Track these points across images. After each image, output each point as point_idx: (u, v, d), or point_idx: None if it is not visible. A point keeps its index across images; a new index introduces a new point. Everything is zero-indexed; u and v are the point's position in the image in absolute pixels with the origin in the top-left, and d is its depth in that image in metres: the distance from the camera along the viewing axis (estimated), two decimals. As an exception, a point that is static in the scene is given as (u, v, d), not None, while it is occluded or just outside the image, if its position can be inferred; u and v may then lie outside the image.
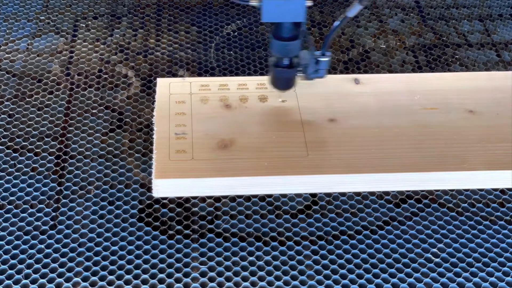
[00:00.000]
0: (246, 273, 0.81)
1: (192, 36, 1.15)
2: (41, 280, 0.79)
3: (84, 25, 1.16)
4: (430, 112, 0.95)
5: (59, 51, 1.11)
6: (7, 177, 0.90)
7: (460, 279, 0.80)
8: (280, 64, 0.89)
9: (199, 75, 1.07)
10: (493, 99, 0.97)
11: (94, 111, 1.00)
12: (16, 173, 0.90)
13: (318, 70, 0.90)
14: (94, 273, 0.80)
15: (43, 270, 0.80)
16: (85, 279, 0.79)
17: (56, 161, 0.92)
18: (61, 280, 0.79)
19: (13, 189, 0.88)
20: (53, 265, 0.80)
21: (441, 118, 0.94)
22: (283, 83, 0.92)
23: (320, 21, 1.20)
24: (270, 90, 0.97)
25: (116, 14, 1.19)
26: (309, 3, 0.81)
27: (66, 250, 0.82)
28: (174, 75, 1.07)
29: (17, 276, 0.79)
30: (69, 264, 0.80)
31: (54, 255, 0.81)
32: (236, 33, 1.16)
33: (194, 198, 0.88)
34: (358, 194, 0.90)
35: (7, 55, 1.09)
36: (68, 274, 0.79)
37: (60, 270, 0.80)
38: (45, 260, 0.81)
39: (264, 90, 0.97)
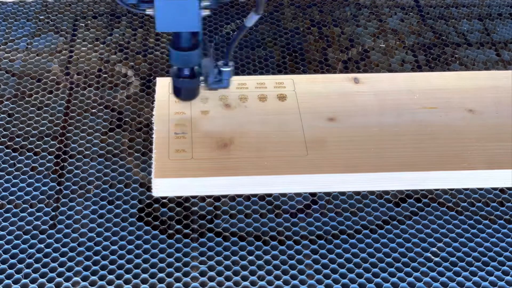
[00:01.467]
0: (245, 272, 0.81)
1: (191, 35, 1.15)
2: (41, 280, 0.79)
3: (83, 25, 1.16)
4: (430, 111, 0.95)
5: (58, 51, 1.11)
6: (7, 177, 0.90)
7: (460, 278, 0.80)
8: (181, 74, 0.87)
9: (199, 74, 1.07)
10: (493, 99, 0.97)
11: (93, 110, 1.00)
12: (16, 173, 0.90)
13: (221, 80, 0.88)
14: (94, 273, 0.80)
15: (43, 270, 0.80)
16: (84, 279, 0.79)
17: (55, 160, 0.92)
18: (60, 279, 0.79)
19: (12, 189, 0.88)
20: (52, 264, 0.80)
21: (440, 117, 0.94)
22: (186, 93, 0.90)
23: (320, 20, 1.20)
24: (270, 90, 0.97)
25: (115, 14, 1.19)
26: (205, 13, 0.79)
27: (65, 249, 0.82)
28: (174, 74, 1.07)
29: (16, 276, 0.79)
30: (68, 263, 0.80)
31: (54, 254, 0.81)
32: (235, 33, 1.16)
33: (194, 197, 0.88)
34: (357, 193, 0.90)
35: (6, 55, 1.09)
36: (67, 274, 0.79)
37: (60, 269, 0.80)
38: (45, 260, 0.81)
39: (264, 89, 0.97)
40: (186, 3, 0.77)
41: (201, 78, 0.88)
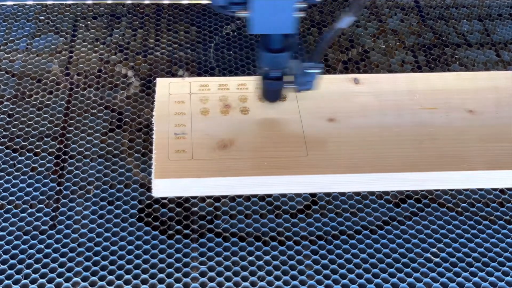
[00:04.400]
0: (245, 273, 0.81)
1: (191, 36, 1.15)
2: (41, 280, 0.79)
3: (83, 25, 1.16)
4: (430, 112, 0.95)
5: (58, 51, 1.11)
6: (7, 177, 0.90)
7: (460, 279, 0.80)
8: (269, 75, 0.87)
9: (199, 75, 1.07)
10: (493, 99, 0.97)
11: (93, 111, 1.00)
12: (16, 173, 0.90)
13: (307, 82, 0.88)
14: (94, 273, 0.80)
15: (43, 270, 0.80)
16: (84, 279, 0.79)
17: (55, 161, 0.92)
18: (60, 280, 0.79)
19: (12, 189, 0.88)
20: (52, 265, 0.80)
21: (440, 117, 0.94)
22: (272, 95, 0.91)
23: (320, 21, 1.20)
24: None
25: (115, 14, 1.19)
26: (300, 14, 0.78)
27: (65, 250, 0.82)
28: (174, 75, 1.07)
29: (16, 276, 0.79)
30: (68, 264, 0.80)
31: (54, 255, 0.81)
32: (235, 33, 1.16)
33: (194, 198, 0.88)
34: (357, 194, 0.90)
35: (6, 55, 1.09)
36: (67, 274, 0.79)
37: (60, 270, 0.80)
38: (45, 260, 0.81)
39: (264, 90, 0.97)
40: (283, 5, 0.76)
41: (288, 80, 0.87)
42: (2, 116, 0.99)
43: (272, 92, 0.90)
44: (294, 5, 0.77)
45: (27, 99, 1.01)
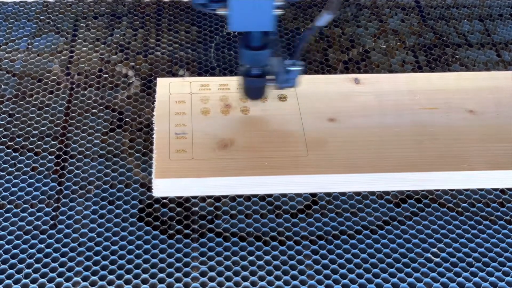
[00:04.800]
0: (246, 273, 0.81)
1: (192, 35, 1.15)
2: (41, 280, 0.79)
3: (84, 25, 1.16)
4: (430, 112, 0.95)
5: (59, 51, 1.11)
6: (7, 177, 0.90)
7: (460, 279, 0.80)
8: (250, 73, 0.88)
9: (199, 74, 1.07)
10: (493, 99, 0.97)
11: (94, 110, 1.00)
12: (16, 173, 0.90)
13: (288, 79, 0.88)
14: (94, 273, 0.80)
15: (43, 270, 0.80)
16: (85, 279, 0.79)
17: (56, 160, 0.92)
18: (61, 279, 0.79)
19: (13, 189, 0.88)
20: (53, 264, 0.80)
21: (441, 118, 0.94)
22: (254, 92, 0.91)
23: (320, 21, 1.20)
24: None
25: (116, 14, 1.19)
26: (279, 12, 0.79)
27: (66, 249, 0.82)
28: (174, 74, 1.07)
29: (17, 276, 0.79)
30: (69, 263, 0.80)
31: (54, 254, 0.81)
32: (236, 33, 1.16)
33: (194, 197, 0.88)
34: (358, 194, 0.90)
35: (7, 55, 1.09)
36: (68, 274, 0.79)
37: (60, 269, 0.80)
38: (45, 260, 0.81)
39: (264, 89, 0.97)
40: (262, 3, 0.77)
41: (270, 77, 0.88)
42: (2, 115, 0.99)
43: (254, 90, 0.91)
44: (273, 3, 0.77)
45: (27, 98, 1.02)
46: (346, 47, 1.14)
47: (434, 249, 0.84)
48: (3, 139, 0.95)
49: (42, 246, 0.82)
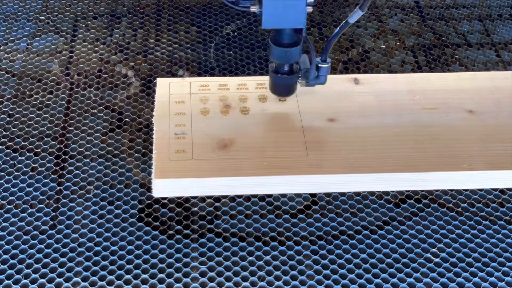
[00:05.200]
0: (246, 273, 0.81)
1: (191, 36, 1.15)
2: (41, 280, 0.79)
3: (83, 25, 1.16)
4: (430, 112, 0.95)
5: (58, 51, 1.11)
6: (7, 177, 0.90)
7: (460, 279, 0.80)
8: (280, 70, 0.89)
9: (199, 75, 1.07)
10: (493, 99, 0.97)
11: (93, 111, 1.00)
12: (16, 173, 0.90)
13: (319, 76, 0.89)
14: (94, 273, 0.80)
15: (43, 270, 0.80)
16: (84, 279, 0.79)
17: (56, 161, 0.92)
18: (60, 280, 0.79)
19: (12, 189, 0.88)
20: (52, 265, 0.80)
21: (441, 118, 0.94)
22: (284, 89, 0.92)
23: (320, 21, 1.20)
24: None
25: (115, 14, 1.19)
26: (310, 9, 0.80)
27: (65, 250, 0.82)
28: (174, 75, 1.07)
29: (16, 276, 0.79)
30: (68, 264, 0.80)
31: (54, 255, 0.81)
32: (235, 33, 1.16)
33: (194, 198, 0.88)
34: (357, 194, 0.90)
35: (6, 55, 1.09)
36: (67, 274, 0.79)
37: (60, 270, 0.80)
38: (45, 260, 0.81)
39: (264, 90, 0.97)
40: (293, 0, 0.79)
41: (299, 74, 0.90)
42: (2, 116, 0.99)
43: (283, 87, 0.91)
44: (305, 1, 0.78)
45: (27, 99, 1.02)
46: (345, 47, 1.14)
47: (434, 249, 0.84)
48: (2, 139, 0.95)
49: (42, 246, 0.82)
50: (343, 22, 0.84)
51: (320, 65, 0.88)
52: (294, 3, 0.79)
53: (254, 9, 0.81)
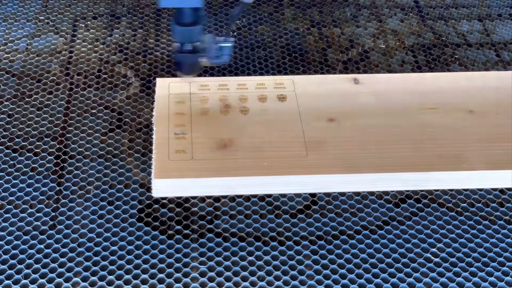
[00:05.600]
0: (245, 273, 0.81)
1: (191, 36, 1.15)
2: (41, 280, 0.79)
3: (83, 25, 1.16)
4: (430, 112, 0.95)
5: (58, 51, 1.11)
6: (7, 177, 0.90)
7: (460, 279, 0.80)
8: (183, 49, 0.91)
9: (199, 75, 1.07)
10: (493, 99, 0.97)
11: (93, 111, 1.00)
12: (16, 173, 0.90)
13: (222, 55, 0.91)
14: (94, 273, 0.80)
15: (43, 270, 0.80)
16: (84, 279, 0.79)
17: (55, 161, 0.92)
18: (60, 280, 0.79)
19: (12, 189, 0.88)
20: (52, 265, 0.80)
21: (440, 118, 0.94)
22: (187, 68, 0.94)
23: (320, 21, 1.20)
24: (270, 90, 0.97)
25: (115, 14, 1.19)
26: None
27: (65, 250, 0.82)
28: (174, 75, 1.07)
29: (16, 276, 0.79)
30: (68, 264, 0.80)
31: (54, 255, 0.81)
32: (235, 33, 1.16)
33: (194, 198, 0.88)
34: (357, 194, 0.90)
35: (6, 55, 1.09)
36: (67, 274, 0.79)
37: (60, 270, 0.80)
38: (45, 260, 0.81)
39: (264, 90, 0.97)
40: None
41: (202, 54, 0.92)
42: (2, 116, 0.99)
43: (187, 65, 0.94)
44: None
45: (27, 99, 1.01)
46: (345, 47, 1.14)
47: (434, 249, 0.84)
48: (2, 140, 0.95)
49: (42, 246, 0.82)
50: (239, 3, 0.86)
51: (221, 44, 0.91)
52: None
53: None
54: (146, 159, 0.93)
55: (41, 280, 0.79)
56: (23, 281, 0.79)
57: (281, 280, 0.80)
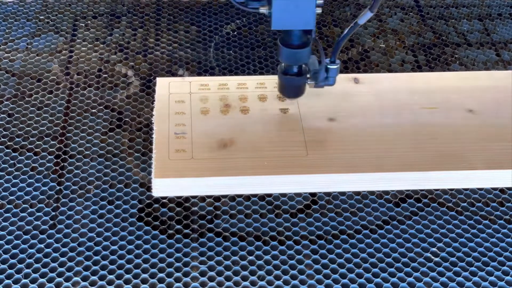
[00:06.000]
0: (245, 272, 0.81)
1: (191, 35, 1.15)
2: (41, 280, 0.79)
3: (83, 25, 1.16)
4: (430, 111, 0.95)
5: (58, 51, 1.11)
6: (7, 177, 0.90)
7: (460, 278, 0.80)
8: (289, 71, 0.88)
9: (199, 74, 1.07)
10: (493, 99, 0.97)
11: (93, 110, 1.00)
12: (16, 173, 0.90)
13: (328, 77, 0.89)
14: (94, 273, 0.80)
15: (43, 270, 0.80)
16: (84, 279, 0.79)
17: (55, 160, 0.92)
18: (60, 279, 0.79)
19: (12, 189, 0.88)
20: (52, 264, 0.80)
21: (440, 117, 0.94)
22: (293, 91, 0.91)
23: (320, 21, 1.20)
24: (270, 90, 0.97)
25: (115, 14, 1.19)
26: (319, 10, 0.80)
27: (65, 249, 0.82)
28: (174, 74, 1.07)
29: (16, 276, 0.79)
30: (68, 263, 0.80)
31: (54, 254, 0.81)
32: (235, 33, 1.16)
33: (194, 197, 0.88)
34: (357, 193, 0.90)
35: (6, 55, 1.09)
36: (67, 274, 0.79)
37: (60, 269, 0.80)
38: (45, 260, 0.81)
39: (264, 89, 0.98)
40: (304, 1, 0.78)
41: (308, 76, 0.89)
42: (2, 115, 0.99)
43: (292, 88, 0.91)
44: (315, 1, 0.78)
45: (27, 98, 1.02)
46: (345, 46, 1.14)
47: (434, 249, 0.84)
48: (2, 139, 0.95)
49: (42, 246, 0.82)
50: (353, 23, 0.83)
51: (329, 66, 0.88)
52: (304, 4, 0.78)
53: (263, 10, 0.81)
54: (146, 158, 0.93)
55: (41, 280, 0.79)
56: (23, 280, 0.79)
57: (281, 280, 0.80)
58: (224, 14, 1.20)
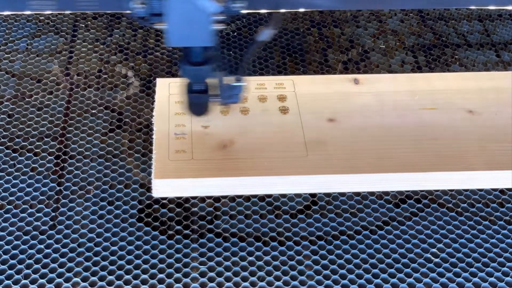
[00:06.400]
0: (245, 273, 0.81)
1: (191, 36, 1.15)
2: (41, 280, 0.79)
3: (83, 25, 1.16)
4: (430, 112, 0.95)
5: (58, 51, 1.11)
6: (7, 177, 0.90)
7: (460, 279, 0.80)
8: (193, 89, 0.85)
9: (199, 75, 1.07)
10: (493, 99, 0.97)
11: (93, 111, 1.00)
12: (16, 173, 0.90)
13: (232, 95, 0.85)
14: (94, 273, 0.80)
15: (43, 270, 0.80)
16: (84, 279, 0.79)
17: (55, 161, 0.92)
18: (60, 280, 0.79)
19: (12, 189, 0.88)
20: (52, 265, 0.80)
21: (440, 118, 0.94)
22: (197, 108, 0.88)
23: (320, 21, 1.20)
24: (270, 90, 0.97)
25: (115, 14, 1.19)
26: (220, 27, 0.75)
27: (65, 250, 0.82)
28: (174, 75, 1.07)
29: (16, 276, 0.79)
30: (68, 264, 0.80)
31: (54, 255, 0.81)
32: (235, 33, 1.16)
33: (194, 198, 0.88)
34: (357, 194, 0.90)
35: (6, 55, 1.09)
36: (67, 274, 0.79)
37: (60, 270, 0.80)
38: (45, 260, 0.81)
39: (264, 90, 0.97)
40: (199, 17, 0.73)
41: (213, 93, 0.85)
42: (2, 116, 0.99)
43: (197, 106, 0.87)
44: (210, 18, 0.73)
45: (27, 99, 1.01)
46: (345, 47, 1.14)
47: (434, 249, 0.84)
48: (2, 140, 0.95)
49: (42, 246, 0.82)
50: (253, 42, 0.79)
51: (234, 84, 0.84)
52: (200, 21, 0.73)
53: (159, 26, 0.75)
54: (146, 159, 0.93)
55: (41, 280, 0.79)
56: (23, 281, 0.79)
57: (281, 280, 0.80)
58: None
